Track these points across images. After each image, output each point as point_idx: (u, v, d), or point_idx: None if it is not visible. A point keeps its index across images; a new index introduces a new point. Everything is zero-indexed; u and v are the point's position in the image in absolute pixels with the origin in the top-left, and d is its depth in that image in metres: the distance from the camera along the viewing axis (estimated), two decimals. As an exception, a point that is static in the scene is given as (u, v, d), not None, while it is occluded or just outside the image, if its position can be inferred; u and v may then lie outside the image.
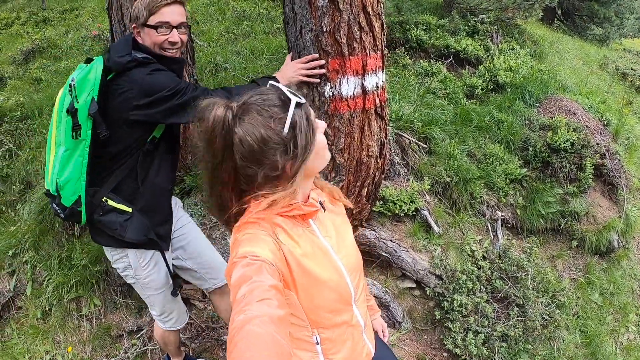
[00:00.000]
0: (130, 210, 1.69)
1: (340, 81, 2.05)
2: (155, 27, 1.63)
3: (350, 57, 2.00)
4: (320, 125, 1.09)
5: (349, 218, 2.65)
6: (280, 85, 1.03)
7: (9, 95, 4.10)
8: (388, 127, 2.94)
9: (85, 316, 2.80)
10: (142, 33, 1.67)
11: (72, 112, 1.54)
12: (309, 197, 1.15)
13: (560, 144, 3.51)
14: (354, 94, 2.11)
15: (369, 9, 1.95)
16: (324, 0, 1.89)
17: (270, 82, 1.08)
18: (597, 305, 3.29)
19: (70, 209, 1.63)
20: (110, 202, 1.66)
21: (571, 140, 3.51)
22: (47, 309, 2.84)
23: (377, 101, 2.23)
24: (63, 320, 2.81)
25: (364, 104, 2.16)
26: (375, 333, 1.52)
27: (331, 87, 2.06)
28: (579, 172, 3.58)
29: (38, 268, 2.94)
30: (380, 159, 2.57)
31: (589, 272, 3.45)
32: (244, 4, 5.86)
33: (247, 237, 1.01)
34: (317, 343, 1.18)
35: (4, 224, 3.31)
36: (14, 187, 3.47)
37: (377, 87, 2.19)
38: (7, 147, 3.62)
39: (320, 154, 1.08)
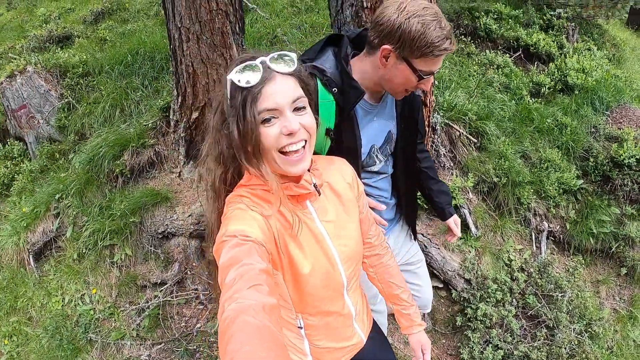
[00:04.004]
0: None
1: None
2: (419, 74, 1.28)
3: (392, 35, 1.87)
4: (285, 125, 0.95)
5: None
6: (259, 59, 0.95)
7: (75, 52, 4.34)
8: (432, 114, 2.78)
9: (116, 263, 2.94)
10: (393, 62, 1.28)
11: None
12: (301, 178, 1.06)
13: (624, 158, 3.17)
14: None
15: (417, -15, 1.79)
16: (366, -24, 1.76)
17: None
18: (635, 343, 2.98)
19: None
20: None
21: (637, 157, 3.16)
22: (83, 251, 3.01)
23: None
24: (95, 264, 2.98)
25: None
26: (374, 322, 1.42)
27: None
28: (641, 194, 3.23)
29: (80, 213, 3.12)
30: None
31: (634, 306, 3.12)
32: (311, -22, 5.76)
33: (237, 213, 0.97)
34: (300, 327, 1.15)
35: (56, 170, 3.55)
36: (69, 137, 3.71)
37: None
38: (66, 100, 3.86)
39: (267, 155, 0.98)
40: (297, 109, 0.97)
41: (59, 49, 4.60)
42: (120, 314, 2.83)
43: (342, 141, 1.37)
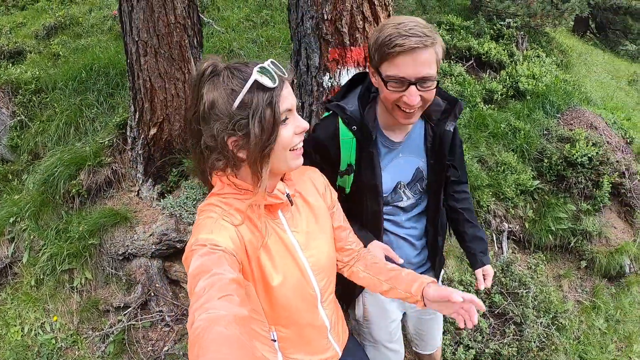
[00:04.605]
0: None
1: (340, 72, 1.97)
2: (384, 81, 1.22)
3: (352, 47, 1.91)
4: (299, 124, 1.00)
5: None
6: (265, 63, 0.96)
7: (27, 68, 4.17)
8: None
9: (76, 288, 2.81)
10: (376, 78, 1.29)
11: None
12: (274, 187, 1.07)
13: (577, 158, 3.34)
14: (354, 86, 2.01)
15: (375, -1, 1.85)
16: (327, -13, 1.79)
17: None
18: (600, 331, 3.12)
19: None
20: None
21: (589, 155, 3.34)
22: (40, 277, 2.86)
23: (380, 96, 2.13)
24: (55, 290, 2.84)
25: (365, 97, 2.06)
26: (350, 335, 1.42)
27: (330, 78, 1.99)
28: (594, 190, 3.41)
29: (36, 237, 2.97)
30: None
31: (596, 296, 3.28)
32: (267, -7, 5.80)
33: (207, 222, 0.97)
34: (274, 340, 1.13)
35: (8, 192, 3.37)
36: (22, 157, 3.54)
37: (381, 81, 2.09)
38: (19, 118, 3.69)
39: (279, 154, 0.98)
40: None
41: (10, 64, 4.42)
42: (83, 342, 2.71)
43: (362, 176, 1.38)
